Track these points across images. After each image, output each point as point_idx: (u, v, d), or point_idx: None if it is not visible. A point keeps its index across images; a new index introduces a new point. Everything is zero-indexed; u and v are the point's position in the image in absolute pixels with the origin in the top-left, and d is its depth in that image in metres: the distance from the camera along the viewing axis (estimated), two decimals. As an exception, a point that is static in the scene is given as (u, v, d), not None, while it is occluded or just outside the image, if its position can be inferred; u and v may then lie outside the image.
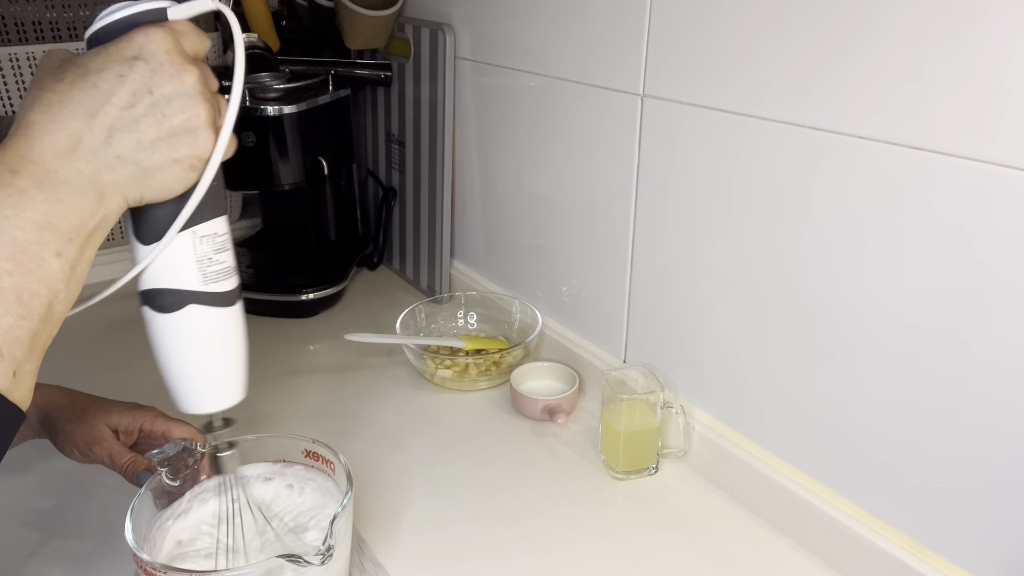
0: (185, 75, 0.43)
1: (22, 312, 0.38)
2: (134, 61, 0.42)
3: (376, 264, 1.31)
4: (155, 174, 0.44)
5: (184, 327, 0.49)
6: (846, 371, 0.65)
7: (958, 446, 0.59)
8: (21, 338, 0.38)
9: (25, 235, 0.39)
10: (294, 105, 1.08)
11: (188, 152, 0.44)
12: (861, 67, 0.58)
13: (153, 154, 0.43)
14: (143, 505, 0.60)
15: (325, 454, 0.66)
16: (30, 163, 0.40)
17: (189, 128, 0.44)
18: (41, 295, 0.39)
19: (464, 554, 0.71)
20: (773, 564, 0.70)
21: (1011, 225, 0.52)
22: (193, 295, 0.48)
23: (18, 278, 0.38)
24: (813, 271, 0.66)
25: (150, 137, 0.43)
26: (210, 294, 0.49)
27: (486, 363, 0.98)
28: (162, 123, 0.43)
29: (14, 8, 1.12)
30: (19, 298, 0.38)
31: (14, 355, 0.38)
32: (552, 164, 0.95)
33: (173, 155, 0.44)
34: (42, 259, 0.39)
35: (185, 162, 0.44)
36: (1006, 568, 0.58)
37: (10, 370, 0.38)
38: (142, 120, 0.42)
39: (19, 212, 0.39)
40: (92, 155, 0.41)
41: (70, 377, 0.74)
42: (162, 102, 0.43)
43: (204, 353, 0.51)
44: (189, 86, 0.43)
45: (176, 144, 0.44)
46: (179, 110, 0.43)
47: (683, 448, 0.82)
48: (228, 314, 0.51)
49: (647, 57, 0.77)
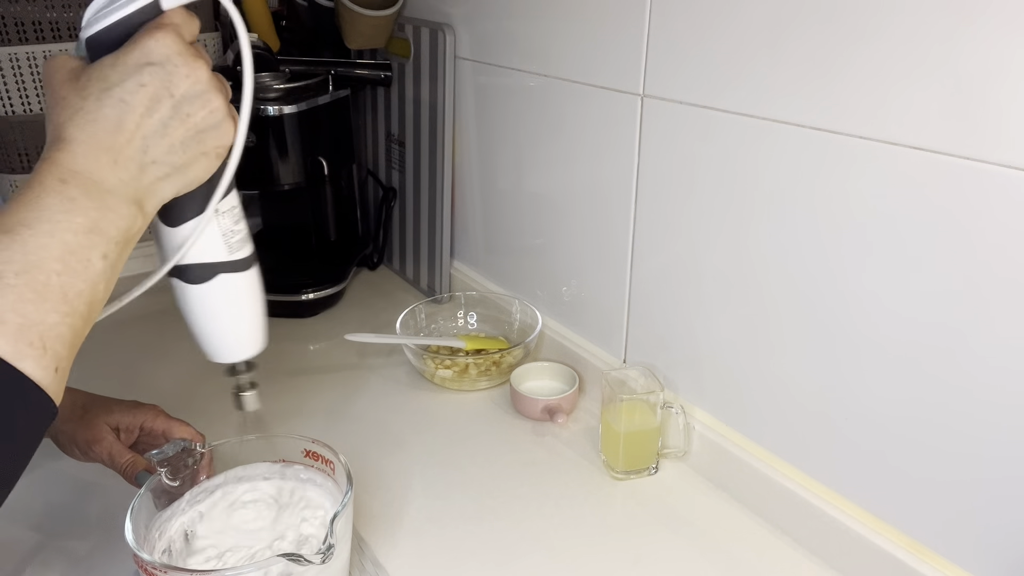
0: (198, 71, 0.45)
1: (67, 310, 0.40)
2: (148, 67, 0.43)
3: (376, 264, 1.31)
4: (187, 170, 0.46)
5: (216, 295, 0.53)
6: (846, 371, 0.65)
7: (958, 445, 0.59)
8: (65, 335, 0.40)
9: (75, 238, 0.41)
10: (294, 105, 1.08)
11: (215, 143, 0.47)
12: (861, 67, 0.58)
13: (184, 153, 0.45)
14: (143, 505, 0.60)
15: (325, 454, 0.66)
16: (76, 174, 0.42)
17: (212, 122, 0.46)
18: (85, 294, 0.41)
19: (464, 554, 0.71)
20: (773, 564, 0.70)
21: (1011, 225, 0.52)
22: (222, 265, 0.53)
23: (66, 278, 0.40)
24: (813, 270, 0.66)
25: (180, 138, 0.45)
26: (235, 262, 0.53)
27: (486, 363, 0.98)
28: (187, 122, 0.45)
29: (14, 8, 1.12)
30: (65, 296, 0.40)
31: (58, 352, 0.40)
32: (552, 164, 0.95)
33: (202, 149, 0.46)
34: (89, 261, 0.41)
35: (212, 153, 0.47)
36: (1006, 568, 0.58)
37: (53, 365, 0.40)
38: (169, 123, 0.44)
39: (70, 218, 0.41)
40: (131, 164, 0.43)
41: (71, 375, 0.74)
42: (183, 102, 0.44)
43: (236, 313, 0.56)
44: (204, 81, 0.45)
45: (203, 139, 0.46)
46: (200, 106, 0.45)
47: (683, 448, 0.82)
48: (251, 275, 0.56)
49: (647, 57, 0.77)
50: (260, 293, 0.58)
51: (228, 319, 0.55)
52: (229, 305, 0.55)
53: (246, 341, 0.58)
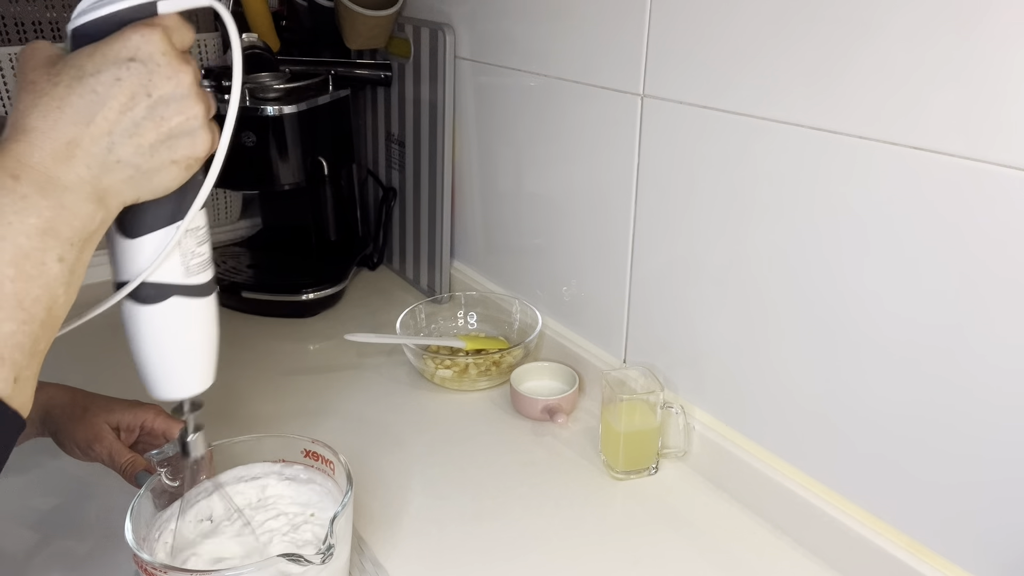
0: (182, 75, 0.43)
1: (23, 317, 0.38)
2: (130, 63, 0.41)
3: (376, 264, 1.31)
4: (153, 176, 0.44)
5: (166, 318, 0.50)
6: (846, 371, 0.65)
7: (958, 445, 0.59)
8: (23, 343, 0.38)
9: (28, 241, 0.38)
10: (294, 105, 1.08)
11: (186, 153, 0.44)
12: (862, 67, 0.58)
13: (152, 157, 0.43)
14: (143, 505, 0.60)
15: (325, 454, 0.66)
16: (31, 169, 0.39)
17: (187, 129, 0.44)
18: (42, 300, 0.39)
19: (464, 554, 0.71)
20: (773, 564, 0.70)
21: (1011, 224, 0.52)
22: (176, 288, 0.49)
23: (20, 284, 0.38)
24: (813, 270, 0.66)
25: (149, 140, 0.42)
26: (191, 286, 0.50)
27: (486, 363, 0.98)
28: (160, 126, 0.43)
29: (14, 8, 1.12)
30: (20, 303, 0.38)
31: (16, 360, 0.38)
32: (552, 164, 0.95)
33: (172, 156, 0.44)
34: (44, 264, 0.39)
35: (183, 163, 0.44)
36: (1005, 568, 0.58)
37: (11, 375, 0.38)
38: (141, 123, 0.42)
39: (23, 218, 0.38)
40: (92, 160, 0.41)
41: (71, 375, 0.74)
42: (160, 104, 0.42)
43: (183, 342, 0.51)
44: (186, 86, 0.43)
45: (175, 146, 0.44)
46: (177, 112, 0.43)
47: (683, 448, 0.82)
48: (206, 304, 0.52)
49: (647, 57, 0.77)
50: (214, 326, 0.53)
51: (175, 348, 0.51)
52: (178, 332, 0.51)
53: (192, 376, 0.53)
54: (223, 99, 1.06)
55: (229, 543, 0.62)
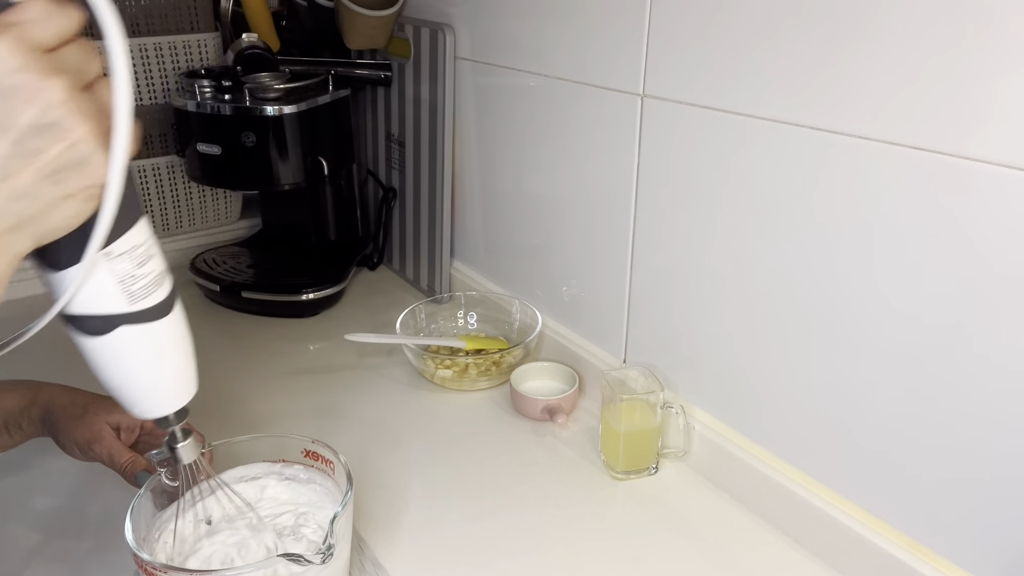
0: (48, 92, 0.34)
1: None
2: None
3: (376, 264, 1.31)
4: (45, 219, 0.36)
5: (119, 348, 0.45)
6: (846, 370, 0.65)
7: (959, 445, 0.59)
8: None
9: None
10: (294, 105, 1.08)
11: (80, 184, 0.37)
12: (862, 67, 0.58)
13: (36, 200, 0.35)
14: (143, 505, 0.60)
15: (325, 454, 0.66)
16: None
17: (73, 158, 0.36)
18: None
19: (464, 554, 0.71)
20: (773, 564, 0.70)
21: (1012, 224, 0.52)
22: (121, 317, 0.44)
23: None
24: (813, 270, 0.66)
25: (26, 181, 0.35)
26: (139, 313, 0.44)
27: (486, 363, 0.98)
28: (35, 161, 0.34)
29: (14, 8, 1.12)
30: None
31: None
32: (552, 164, 0.95)
33: (63, 192, 0.36)
34: None
35: (80, 195, 0.37)
36: (1005, 568, 0.58)
37: None
38: (9, 164, 0.34)
39: None
40: None
41: (71, 375, 0.74)
42: (28, 136, 0.34)
43: (146, 367, 0.48)
44: (57, 105, 0.34)
45: (63, 179, 0.36)
46: (53, 140, 0.35)
47: (683, 448, 0.82)
48: (163, 326, 0.46)
49: (647, 57, 0.77)
50: (180, 343, 0.49)
51: (137, 374, 0.47)
52: (136, 360, 0.46)
53: (165, 395, 0.50)
54: (224, 100, 1.06)
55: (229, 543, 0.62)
